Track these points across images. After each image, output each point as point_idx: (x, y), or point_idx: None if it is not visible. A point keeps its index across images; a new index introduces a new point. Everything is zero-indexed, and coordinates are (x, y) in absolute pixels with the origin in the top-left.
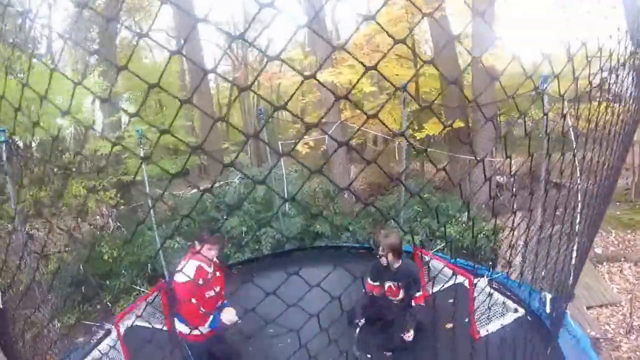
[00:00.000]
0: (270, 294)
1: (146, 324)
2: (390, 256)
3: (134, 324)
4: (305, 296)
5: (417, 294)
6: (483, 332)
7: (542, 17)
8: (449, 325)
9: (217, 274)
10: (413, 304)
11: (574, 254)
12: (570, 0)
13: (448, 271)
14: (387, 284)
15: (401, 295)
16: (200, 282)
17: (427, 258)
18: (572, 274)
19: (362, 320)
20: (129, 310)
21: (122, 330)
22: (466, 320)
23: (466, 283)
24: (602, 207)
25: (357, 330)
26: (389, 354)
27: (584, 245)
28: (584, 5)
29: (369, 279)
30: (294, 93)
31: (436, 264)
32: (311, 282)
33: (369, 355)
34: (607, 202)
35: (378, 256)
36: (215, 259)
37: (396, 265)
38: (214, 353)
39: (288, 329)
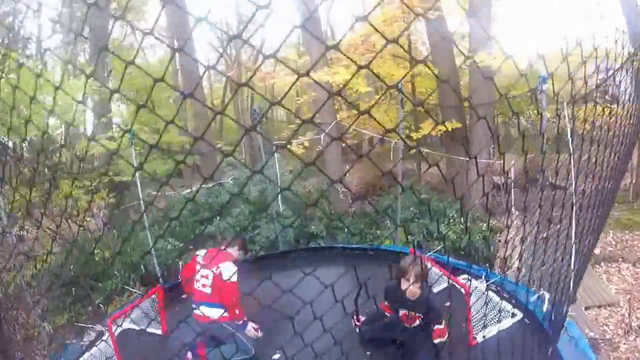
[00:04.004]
0: (264, 280)
1: (138, 328)
2: (415, 286)
3: (128, 327)
4: (301, 299)
5: (437, 326)
6: (480, 338)
7: (541, 17)
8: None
9: None
10: (434, 338)
11: (574, 256)
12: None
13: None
14: (402, 312)
15: (417, 323)
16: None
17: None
18: (573, 276)
19: (361, 321)
20: (124, 311)
21: (115, 333)
22: (463, 325)
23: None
24: (604, 209)
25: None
26: None
27: (585, 248)
28: (584, 5)
29: (383, 299)
30: (289, 90)
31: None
32: (306, 282)
33: (368, 353)
34: (609, 205)
35: (398, 282)
36: None
37: (415, 295)
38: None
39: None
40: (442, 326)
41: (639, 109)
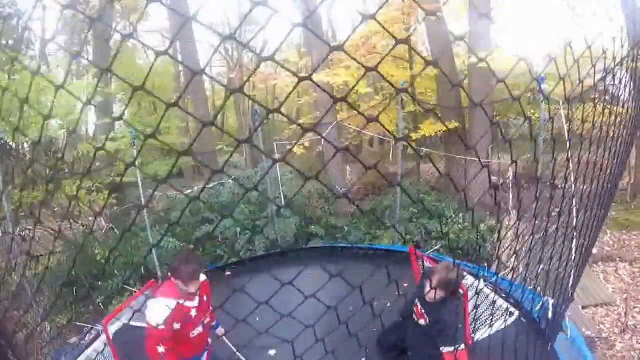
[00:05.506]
0: (262, 304)
1: (138, 324)
2: (436, 291)
3: (126, 323)
4: (300, 299)
5: (444, 348)
6: (477, 336)
7: (542, 17)
8: None
9: (205, 297)
10: None
11: (573, 257)
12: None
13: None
14: (416, 302)
15: (424, 323)
16: (177, 326)
17: (426, 264)
18: (572, 276)
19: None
20: (117, 312)
21: (112, 331)
22: (460, 326)
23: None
24: (603, 210)
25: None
26: None
27: (584, 249)
28: (587, 6)
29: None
30: (289, 96)
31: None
32: (305, 284)
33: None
34: (608, 206)
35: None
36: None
37: (431, 299)
38: None
39: (281, 339)
40: (451, 349)
41: (638, 107)
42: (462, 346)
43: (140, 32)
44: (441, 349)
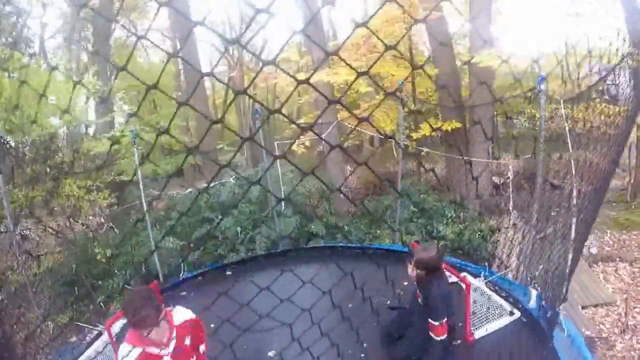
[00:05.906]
0: (263, 289)
1: None
2: (415, 270)
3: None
4: (300, 298)
5: (431, 321)
6: (477, 334)
7: (543, 17)
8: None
9: (188, 341)
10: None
11: (569, 254)
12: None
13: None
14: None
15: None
16: None
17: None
18: (566, 273)
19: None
20: (120, 314)
21: (115, 332)
22: (460, 324)
23: (460, 282)
24: (594, 207)
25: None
26: None
27: (576, 245)
28: (587, 6)
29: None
30: (289, 97)
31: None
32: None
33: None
34: (599, 203)
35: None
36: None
37: (412, 277)
38: None
39: (282, 322)
40: (436, 323)
41: (635, 106)
42: (440, 322)
43: (141, 31)
44: (429, 321)
